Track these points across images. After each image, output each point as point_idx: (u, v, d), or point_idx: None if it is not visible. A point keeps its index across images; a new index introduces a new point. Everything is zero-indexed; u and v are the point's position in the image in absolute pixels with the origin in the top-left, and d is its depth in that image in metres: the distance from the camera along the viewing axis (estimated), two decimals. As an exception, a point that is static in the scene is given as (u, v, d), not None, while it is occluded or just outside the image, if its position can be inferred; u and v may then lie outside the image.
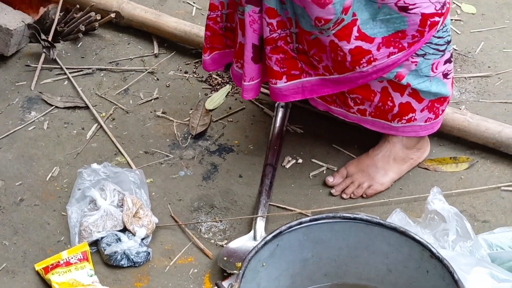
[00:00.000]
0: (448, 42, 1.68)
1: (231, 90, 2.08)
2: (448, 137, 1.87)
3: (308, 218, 1.30)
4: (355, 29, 1.60)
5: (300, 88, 1.73)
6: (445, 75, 1.68)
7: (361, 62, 1.61)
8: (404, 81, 1.65)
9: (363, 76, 1.64)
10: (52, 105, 2.05)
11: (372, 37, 1.62)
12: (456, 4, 2.33)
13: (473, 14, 2.34)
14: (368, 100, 1.68)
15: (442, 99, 1.72)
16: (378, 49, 1.62)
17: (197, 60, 2.22)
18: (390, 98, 1.67)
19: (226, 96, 2.07)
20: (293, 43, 1.70)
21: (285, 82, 1.72)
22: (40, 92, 2.09)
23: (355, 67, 1.62)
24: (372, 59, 1.61)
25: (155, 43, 2.29)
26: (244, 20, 1.66)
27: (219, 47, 1.84)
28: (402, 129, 1.74)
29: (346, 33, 1.60)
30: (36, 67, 2.20)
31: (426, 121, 1.73)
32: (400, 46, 1.62)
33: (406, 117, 1.70)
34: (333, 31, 1.59)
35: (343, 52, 1.61)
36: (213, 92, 2.09)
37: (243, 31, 1.69)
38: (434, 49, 1.65)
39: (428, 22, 1.59)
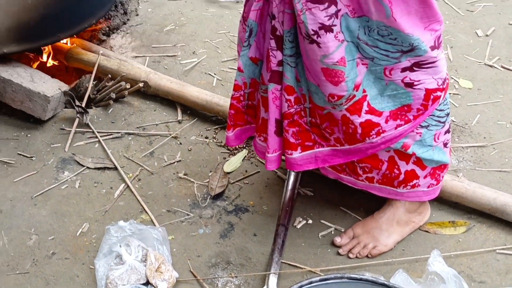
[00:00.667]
0: (448, 114, 1.70)
1: (247, 154, 2.11)
2: (447, 202, 1.88)
3: (318, 278, 1.33)
4: (365, 104, 1.62)
5: (313, 158, 1.74)
6: (445, 144, 1.70)
7: (371, 134, 1.62)
8: (410, 151, 1.66)
9: (372, 147, 1.65)
10: (84, 166, 2.08)
11: (381, 111, 1.63)
12: (454, 79, 2.36)
13: (469, 88, 2.37)
14: (376, 168, 1.69)
15: (442, 166, 1.74)
16: (386, 121, 1.63)
17: (216, 127, 2.24)
18: (396, 166, 1.69)
19: (242, 160, 2.09)
20: (307, 117, 1.70)
21: (299, 153, 1.72)
22: (73, 154, 2.12)
23: (365, 138, 1.63)
24: (381, 131, 1.62)
25: (179, 110, 2.31)
26: (267, 97, 1.68)
27: (241, 124, 1.85)
28: (406, 195, 1.75)
29: (357, 107, 1.61)
30: (70, 130, 2.22)
31: (428, 187, 1.74)
32: (406, 118, 1.63)
33: (411, 183, 1.72)
34: (345, 106, 1.60)
35: (354, 125, 1.62)
36: (230, 156, 2.11)
37: (265, 107, 1.71)
38: (436, 120, 1.66)
39: (431, 97, 1.61)
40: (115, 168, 2.08)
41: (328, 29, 1.51)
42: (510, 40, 2.59)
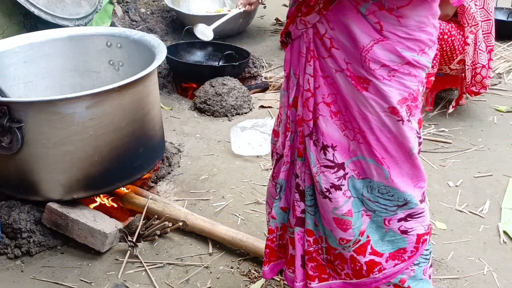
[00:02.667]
0: (431, 252, 1.70)
1: (265, 282, 2.14)
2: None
3: None
4: (369, 247, 1.61)
5: None
6: (430, 276, 1.70)
7: (374, 270, 1.61)
8: (406, 285, 1.64)
9: (375, 281, 1.63)
10: (133, 290, 2.11)
11: (382, 252, 1.62)
12: (431, 222, 2.38)
13: (444, 229, 2.42)
14: None
15: None
16: (386, 261, 1.63)
17: (240, 258, 2.28)
18: None
19: (261, 287, 2.13)
20: (323, 254, 1.70)
21: (317, 283, 1.71)
22: (124, 280, 2.17)
23: (369, 274, 1.62)
24: (382, 268, 1.62)
25: (210, 244, 2.36)
26: (294, 237, 1.69)
27: (274, 260, 1.83)
28: None
29: (362, 249, 1.61)
30: (123, 261, 2.28)
31: None
32: (403, 258, 1.62)
33: None
34: (353, 248, 1.60)
35: (360, 263, 1.62)
36: (251, 283, 2.15)
37: (293, 246, 1.71)
38: (424, 258, 1.65)
39: (421, 240, 1.61)
40: (158, 293, 2.11)
41: (338, 187, 1.55)
42: (476, 190, 2.67)
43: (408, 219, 1.60)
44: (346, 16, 1.44)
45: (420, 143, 1.60)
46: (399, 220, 1.60)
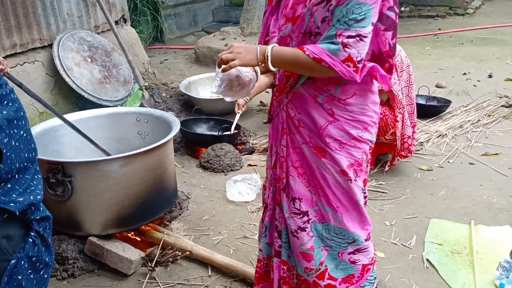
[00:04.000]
0: (375, 278, 1.68)
1: None
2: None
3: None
4: (327, 274, 1.61)
5: None
6: None
7: None
8: None
9: None
10: (151, 306, 2.04)
11: (336, 278, 1.61)
12: (374, 252, 2.38)
13: (383, 257, 2.38)
14: None
15: None
16: (340, 284, 1.62)
17: (232, 279, 2.23)
18: None
19: None
20: (294, 279, 1.68)
21: None
22: None
23: None
24: None
25: (209, 269, 2.33)
26: (273, 266, 1.68)
27: (261, 282, 1.81)
28: None
29: (322, 276, 1.60)
30: (144, 281, 2.26)
31: None
32: (352, 282, 1.62)
33: None
34: (315, 275, 1.60)
35: (320, 286, 1.60)
36: None
37: (273, 272, 1.70)
38: (369, 282, 1.65)
39: (366, 268, 1.62)
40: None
41: (303, 229, 1.56)
42: (405, 228, 2.65)
43: (356, 252, 1.60)
44: (308, 105, 1.51)
45: (365, 197, 1.61)
46: (349, 253, 1.60)
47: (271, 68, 1.37)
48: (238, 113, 3.50)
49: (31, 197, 1.13)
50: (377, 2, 1.30)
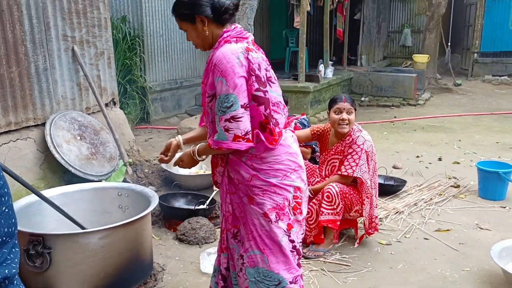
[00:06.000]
0: None
1: None
2: None
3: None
4: None
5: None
6: None
7: None
8: None
9: None
10: None
11: None
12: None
13: None
14: None
15: None
16: None
17: None
18: None
19: None
20: None
21: None
22: None
23: None
24: None
25: None
26: None
27: None
28: None
29: None
30: None
31: None
32: None
33: None
34: None
35: None
36: None
37: None
38: None
39: None
40: None
41: (240, 270, 1.74)
42: None
43: None
44: (237, 165, 1.72)
45: (292, 241, 1.69)
46: None
47: (199, 159, 1.78)
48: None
49: (6, 270, 1.09)
50: (239, 91, 1.56)
